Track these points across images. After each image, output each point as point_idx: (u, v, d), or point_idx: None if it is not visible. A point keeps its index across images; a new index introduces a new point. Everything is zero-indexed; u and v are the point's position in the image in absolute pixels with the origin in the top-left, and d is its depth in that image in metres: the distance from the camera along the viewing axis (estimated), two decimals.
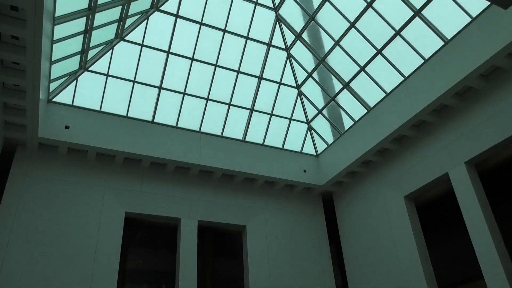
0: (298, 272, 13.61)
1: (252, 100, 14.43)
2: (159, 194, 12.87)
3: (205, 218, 13.27)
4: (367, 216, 13.59)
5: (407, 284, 11.55)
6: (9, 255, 10.16)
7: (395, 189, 12.70)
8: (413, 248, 11.61)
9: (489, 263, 9.69)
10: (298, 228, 14.50)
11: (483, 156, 10.54)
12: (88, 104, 12.36)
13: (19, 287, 9.95)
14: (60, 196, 11.44)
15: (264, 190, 14.61)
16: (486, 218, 10.00)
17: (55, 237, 10.88)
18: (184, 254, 12.50)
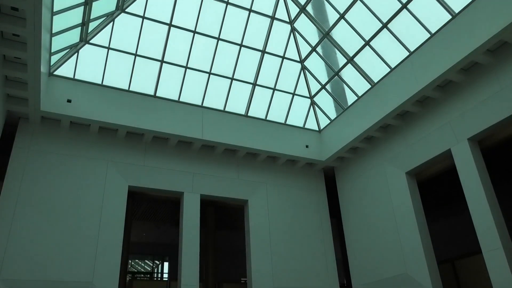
0: (299, 245, 13.82)
1: (255, 75, 14.30)
2: (161, 168, 12.94)
3: (207, 192, 13.38)
4: (368, 192, 13.67)
5: (406, 258, 11.71)
6: (15, 227, 10.32)
7: (396, 165, 12.73)
8: (413, 224, 11.71)
9: (488, 239, 9.79)
10: (299, 202, 14.63)
11: (487, 132, 10.50)
12: (90, 77, 12.29)
13: (25, 258, 10.15)
14: (63, 170, 11.52)
15: (266, 165, 14.67)
16: (487, 195, 10.04)
17: (59, 209, 11.02)
18: (186, 228, 12.65)
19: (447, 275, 12.64)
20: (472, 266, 12.27)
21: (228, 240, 20.21)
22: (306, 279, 13.38)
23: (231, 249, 20.82)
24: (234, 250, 20.67)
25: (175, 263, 13.42)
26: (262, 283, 12.67)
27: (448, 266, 12.99)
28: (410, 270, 11.52)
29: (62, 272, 10.41)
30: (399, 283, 11.85)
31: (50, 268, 10.31)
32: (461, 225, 16.66)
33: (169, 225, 17.99)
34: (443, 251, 14.63)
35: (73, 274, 10.50)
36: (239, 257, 15.79)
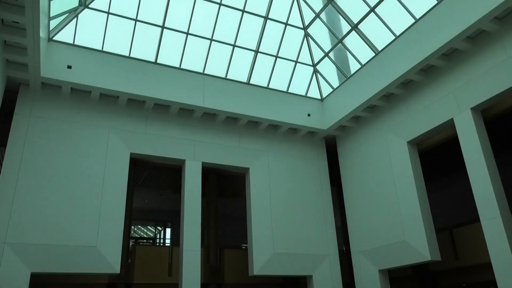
0: (299, 213, 14.01)
1: (257, 42, 14.07)
2: (163, 136, 12.95)
3: (209, 160, 13.44)
4: (369, 161, 13.73)
5: (405, 226, 11.89)
6: (19, 193, 10.44)
7: (398, 134, 12.72)
8: (413, 192, 11.82)
9: (487, 207, 9.90)
10: (300, 171, 14.73)
11: (490, 102, 10.44)
12: (90, 43, 12.11)
13: (30, 223, 10.32)
14: (65, 136, 11.54)
15: (268, 134, 14.67)
16: (488, 164, 10.08)
17: (62, 176, 11.11)
18: (188, 195, 12.80)
19: (445, 243, 12.87)
20: (470, 234, 12.46)
21: (229, 207, 20.49)
22: (306, 245, 13.65)
23: (232, 216, 21.13)
24: (235, 217, 20.97)
25: (177, 229, 13.66)
26: (263, 249, 12.93)
27: (446, 234, 13.20)
28: (409, 238, 11.72)
29: (67, 236, 10.61)
30: (397, 250, 12.09)
31: (55, 233, 10.50)
32: (460, 194, 16.83)
33: (170, 192, 18.19)
34: (442, 220, 14.86)
35: (78, 239, 10.71)
36: (240, 224, 16.04)
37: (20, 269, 9.90)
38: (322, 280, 13.55)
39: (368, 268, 13.16)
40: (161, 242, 21.60)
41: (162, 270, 13.62)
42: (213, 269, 14.18)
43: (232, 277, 14.42)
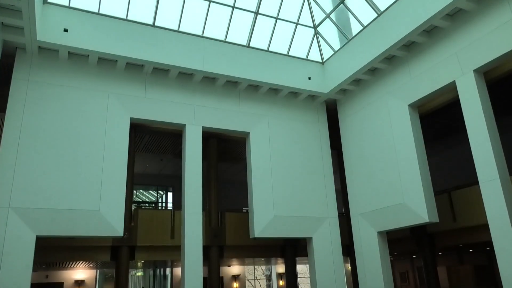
0: (300, 176, 14.13)
1: (257, 3, 13.71)
2: (163, 100, 12.88)
3: (209, 125, 13.42)
4: (369, 124, 13.71)
5: (404, 188, 12.01)
6: (20, 158, 10.47)
7: (399, 97, 12.62)
8: (413, 155, 11.86)
9: (486, 170, 9.96)
10: (301, 135, 14.73)
11: (493, 64, 10.28)
12: (85, 5, 11.80)
13: (33, 187, 10.43)
14: (64, 101, 11.47)
15: (268, 97, 14.58)
16: (488, 126, 10.06)
17: (63, 140, 11.12)
18: (189, 159, 12.87)
19: (443, 205, 13.07)
20: (468, 197, 12.64)
21: (230, 171, 20.67)
22: (306, 208, 13.85)
23: (233, 180, 21.35)
24: (236, 181, 21.20)
25: (179, 194, 13.82)
26: (263, 212, 13.13)
27: (445, 197, 13.38)
28: (407, 200, 11.87)
29: (70, 201, 10.75)
30: (396, 212, 12.27)
31: (58, 197, 10.64)
32: (459, 157, 16.93)
33: (172, 157, 18.30)
34: (441, 182, 15.01)
35: (81, 203, 10.85)
36: (241, 188, 16.22)
37: (26, 232, 10.09)
38: (321, 242, 13.85)
39: (367, 230, 13.41)
40: (163, 206, 21.93)
41: (164, 233, 13.91)
42: (214, 232, 14.48)
43: (233, 239, 14.74)
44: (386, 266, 12.91)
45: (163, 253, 14.31)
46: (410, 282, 23.05)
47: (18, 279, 9.73)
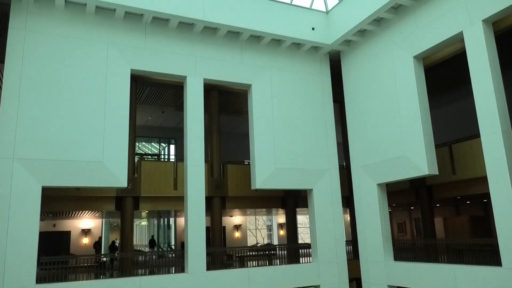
0: (302, 129, 14.13)
1: None
2: (163, 51, 12.63)
3: (210, 77, 13.25)
4: (373, 76, 13.51)
5: (405, 141, 12.03)
6: (22, 109, 10.44)
7: (405, 48, 12.35)
8: (416, 108, 11.77)
9: (488, 122, 9.93)
10: (303, 87, 14.57)
11: (503, 14, 9.96)
12: None
13: (36, 139, 10.47)
14: (63, 51, 11.25)
15: (271, 49, 14.28)
16: (494, 78, 9.92)
17: (63, 91, 11.03)
18: (190, 111, 12.82)
19: (443, 158, 13.16)
20: (469, 150, 12.70)
21: (232, 124, 20.69)
22: (307, 161, 13.97)
23: (235, 133, 21.43)
24: (238, 133, 21.28)
25: (181, 146, 13.90)
26: (265, 164, 13.26)
27: (445, 150, 13.45)
28: (408, 153, 11.93)
29: (73, 152, 10.83)
30: (396, 165, 12.38)
31: (61, 148, 10.71)
32: (462, 110, 16.88)
33: (173, 109, 18.25)
34: (442, 135, 15.04)
35: (84, 154, 10.94)
36: (242, 140, 16.31)
37: (31, 182, 10.27)
38: (322, 193, 14.09)
39: (366, 182, 13.60)
40: (165, 158, 22.15)
41: (167, 184, 14.14)
42: (216, 183, 14.72)
43: (235, 190, 15.01)
44: (384, 217, 13.22)
45: (166, 204, 14.63)
46: (407, 232, 23.71)
47: (26, 228, 10.02)
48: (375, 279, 13.16)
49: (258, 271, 13.09)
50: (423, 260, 12.42)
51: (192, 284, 11.77)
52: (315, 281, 13.53)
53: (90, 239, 19.37)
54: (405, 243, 14.19)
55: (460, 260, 11.17)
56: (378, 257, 13.08)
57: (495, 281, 9.67)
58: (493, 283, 9.73)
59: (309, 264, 13.85)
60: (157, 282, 11.55)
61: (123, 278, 11.43)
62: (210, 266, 12.93)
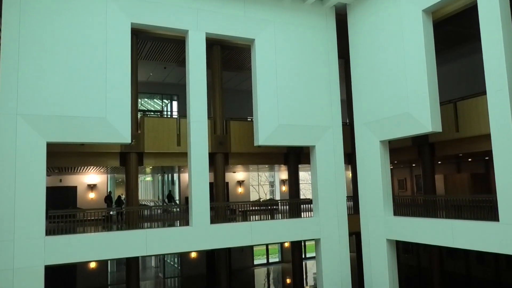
0: (305, 85, 13.98)
1: None
2: (164, 3, 12.30)
3: (213, 31, 12.97)
4: (380, 31, 13.17)
5: (410, 98, 11.92)
6: (22, 65, 10.33)
7: (414, 1, 11.93)
8: (422, 64, 11.56)
9: (495, 79, 9.78)
10: (308, 41, 14.26)
11: None
12: None
13: (39, 95, 10.44)
14: (61, 5, 10.96)
15: (275, 2, 13.85)
16: (504, 34, 9.65)
17: (63, 46, 10.86)
18: (193, 66, 12.66)
19: (447, 115, 13.08)
20: (473, 107, 12.60)
21: (235, 80, 20.48)
22: (310, 117, 13.93)
23: (238, 89, 21.26)
24: (241, 90, 21.12)
25: (184, 103, 13.84)
26: (268, 120, 13.24)
27: (450, 107, 13.35)
28: (412, 110, 11.86)
29: (76, 108, 10.82)
30: (400, 122, 12.35)
31: (64, 104, 10.69)
32: (468, 67, 16.60)
33: (175, 64, 18.01)
34: (447, 92, 14.87)
35: (87, 110, 10.94)
36: (245, 96, 16.20)
37: (35, 138, 10.35)
38: (324, 150, 14.16)
39: (369, 139, 13.63)
40: (168, 115, 22.13)
41: (171, 141, 14.21)
42: (219, 139, 14.78)
43: (238, 147, 15.09)
44: (385, 173, 13.35)
45: (170, 160, 14.77)
46: (408, 188, 24.03)
47: (33, 182, 10.21)
48: (374, 233, 13.50)
49: (260, 224, 13.43)
50: (422, 215, 12.67)
51: (196, 237, 12.14)
52: (315, 234, 13.90)
53: (96, 194, 19.76)
54: (405, 199, 14.41)
55: (459, 216, 11.37)
56: (378, 212, 13.34)
57: (492, 235, 9.90)
58: (490, 237, 9.97)
59: (310, 218, 14.17)
60: (163, 235, 11.90)
61: (130, 230, 11.78)
62: (214, 220, 13.26)
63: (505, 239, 9.53)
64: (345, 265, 14.00)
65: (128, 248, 11.43)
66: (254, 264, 24.49)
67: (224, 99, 15.49)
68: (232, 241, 12.84)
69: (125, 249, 11.42)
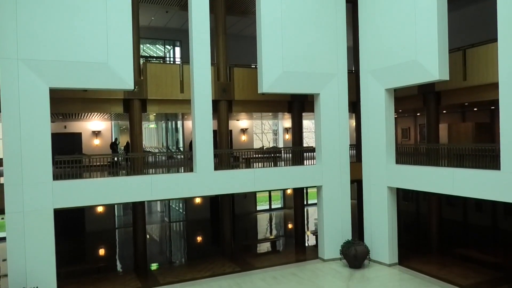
0: (311, 31, 13.57)
1: None
2: None
3: None
4: None
5: (419, 45, 11.61)
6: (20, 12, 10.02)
7: None
8: (433, 10, 11.11)
9: (507, 25, 9.45)
10: None
11: None
12: None
13: (38, 40, 10.22)
14: None
15: None
16: None
17: None
18: (196, 11, 12.28)
19: (456, 63, 12.82)
20: (483, 55, 12.31)
21: (239, 25, 19.95)
22: (315, 64, 13.67)
23: (242, 35, 20.76)
24: (245, 36, 20.62)
25: (187, 48, 13.55)
26: (272, 67, 13.00)
27: (459, 55, 13.05)
28: (420, 57, 11.59)
29: (77, 53, 10.62)
30: (406, 70, 12.12)
31: (65, 49, 10.48)
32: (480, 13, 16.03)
33: (178, 8, 17.48)
34: (457, 39, 14.48)
35: (88, 55, 10.74)
36: (250, 42, 15.85)
37: (38, 84, 10.26)
38: (328, 98, 14.04)
39: (375, 87, 13.46)
40: (171, 61, 21.79)
41: (174, 87, 14.10)
42: (223, 86, 14.65)
43: (242, 94, 14.99)
44: (389, 122, 13.32)
45: (173, 107, 14.73)
46: (411, 138, 24.08)
47: (38, 128, 10.26)
48: (376, 181, 13.70)
49: (263, 171, 13.62)
50: (424, 164, 12.77)
51: (200, 183, 12.37)
52: (318, 182, 14.12)
53: (101, 140, 19.94)
54: (408, 147, 14.47)
55: (460, 165, 11.44)
56: (380, 160, 13.46)
57: (492, 183, 10.02)
58: (490, 185, 10.09)
59: (313, 166, 14.33)
60: (167, 180, 12.13)
61: (135, 176, 11.99)
62: (218, 167, 13.44)
63: (506, 188, 9.65)
64: (346, 212, 14.34)
65: (133, 193, 11.70)
66: (257, 210, 25.15)
67: (228, 45, 15.17)
68: (235, 187, 13.09)
69: (130, 194, 11.68)
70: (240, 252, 16.06)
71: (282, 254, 16.08)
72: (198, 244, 19.15)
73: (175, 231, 22.14)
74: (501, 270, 13.05)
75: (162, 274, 13.62)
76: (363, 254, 13.25)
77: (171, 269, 14.56)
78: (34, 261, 10.22)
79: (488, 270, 12.94)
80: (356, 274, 12.69)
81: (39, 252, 10.30)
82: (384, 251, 13.48)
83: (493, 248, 16.17)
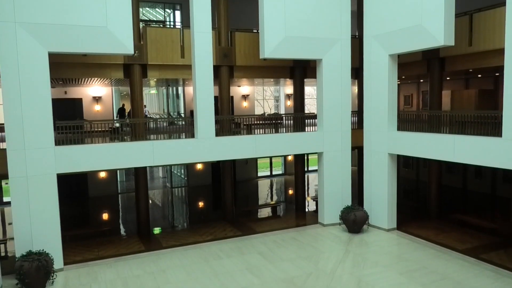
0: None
1: None
2: None
3: None
4: None
5: (424, 9, 11.33)
6: None
7: None
8: None
9: None
10: None
11: None
12: None
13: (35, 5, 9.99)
14: None
15: None
16: None
17: None
18: None
19: (461, 28, 12.55)
20: (490, 20, 12.02)
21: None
22: (318, 29, 13.41)
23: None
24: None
25: (187, 12, 13.25)
26: (274, 32, 12.76)
27: (465, 20, 12.75)
28: (425, 22, 11.33)
29: (75, 16, 10.40)
30: (411, 35, 11.88)
31: (63, 12, 10.25)
32: None
33: None
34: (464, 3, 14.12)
35: (87, 19, 10.52)
36: (252, 6, 15.48)
37: (37, 48, 10.11)
38: (331, 64, 13.86)
39: (378, 52, 13.25)
40: (171, 25, 21.37)
41: (174, 52, 13.91)
42: (224, 51, 14.44)
43: (243, 59, 14.80)
44: (392, 88, 13.20)
45: (174, 72, 14.57)
46: (413, 105, 23.93)
47: (38, 93, 10.19)
48: (377, 147, 13.74)
49: (264, 137, 13.63)
50: (426, 131, 12.74)
51: (201, 148, 12.42)
52: (319, 148, 14.17)
53: (102, 106, 19.85)
54: (410, 114, 14.40)
55: (462, 132, 11.41)
56: (382, 127, 13.44)
57: (493, 150, 10.02)
58: (491, 152, 10.09)
59: (314, 132, 14.33)
60: (169, 146, 12.16)
61: (137, 141, 12.02)
62: (219, 133, 13.45)
63: (507, 155, 9.66)
64: (346, 178, 14.46)
65: (135, 158, 11.76)
66: (258, 176, 25.38)
67: (229, 9, 14.84)
68: (236, 153, 13.14)
69: (132, 159, 11.75)
70: (241, 217, 16.33)
71: (282, 219, 16.34)
72: (199, 209, 19.44)
73: (177, 197, 22.44)
74: (498, 235, 13.29)
75: (165, 238, 13.92)
76: (362, 219, 13.47)
77: (173, 233, 14.85)
78: (39, 225, 10.41)
79: (485, 235, 13.17)
80: (355, 239, 12.95)
81: (44, 216, 10.48)
82: (383, 216, 13.69)
83: (491, 214, 16.41)
